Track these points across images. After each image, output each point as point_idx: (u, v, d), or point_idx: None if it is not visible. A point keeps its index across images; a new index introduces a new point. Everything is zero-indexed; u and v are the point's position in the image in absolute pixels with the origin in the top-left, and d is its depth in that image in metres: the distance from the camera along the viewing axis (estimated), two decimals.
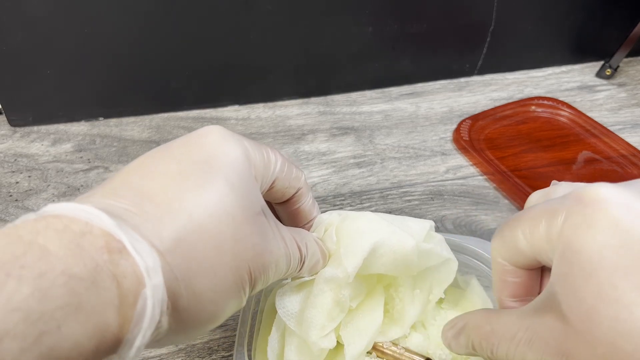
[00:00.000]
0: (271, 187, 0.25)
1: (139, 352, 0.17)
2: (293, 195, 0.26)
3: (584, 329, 0.17)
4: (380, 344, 0.28)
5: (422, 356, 0.27)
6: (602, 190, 0.19)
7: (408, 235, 0.26)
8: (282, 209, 0.27)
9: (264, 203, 0.23)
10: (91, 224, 0.16)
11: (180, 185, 0.19)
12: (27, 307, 0.14)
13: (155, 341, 0.18)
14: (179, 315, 0.18)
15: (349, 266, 0.25)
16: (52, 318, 0.14)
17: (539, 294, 0.23)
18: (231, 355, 0.34)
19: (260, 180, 0.23)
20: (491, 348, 0.21)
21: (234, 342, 0.34)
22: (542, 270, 0.23)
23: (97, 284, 0.15)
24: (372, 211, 0.44)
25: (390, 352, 0.27)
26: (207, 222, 0.19)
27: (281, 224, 0.24)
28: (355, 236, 0.25)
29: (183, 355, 0.33)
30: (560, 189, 0.22)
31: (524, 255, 0.21)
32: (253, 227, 0.21)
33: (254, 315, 0.28)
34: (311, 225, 0.28)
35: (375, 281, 0.28)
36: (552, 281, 0.19)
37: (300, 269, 0.25)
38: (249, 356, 0.26)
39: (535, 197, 0.24)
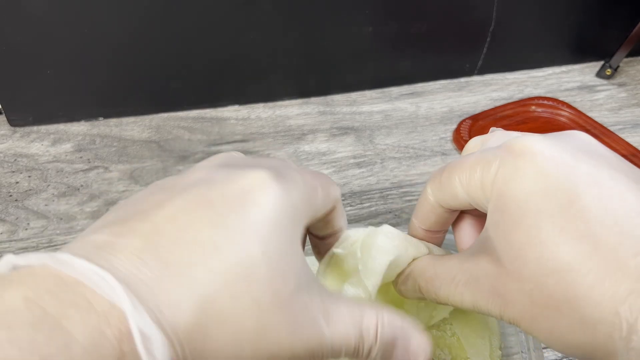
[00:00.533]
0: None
1: None
2: (327, 212, 0.24)
3: (514, 269, 0.19)
4: None
5: None
6: (531, 142, 0.20)
7: (423, 246, 0.26)
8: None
9: (309, 271, 0.20)
10: (114, 305, 0.15)
11: (209, 260, 0.17)
12: None
13: None
14: None
15: (370, 285, 0.24)
16: None
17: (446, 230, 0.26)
18: None
19: (306, 223, 0.21)
20: (434, 290, 0.23)
21: None
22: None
23: None
24: (371, 211, 0.45)
25: None
26: (230, 310, 0.17)
27: (335, 295, 0.20)
28: (374, 254, 0.24)
29: None
30: (494, 137, 0.24)
31: (458, 199, 0.23)
32: (286, 316, 0.18)
33: None
34: (338, 238, 0.26)
35: (390, 293, 0.28)
36: (487, 226, 0.21)
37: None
38: None
39: (473, 143, 0.26)
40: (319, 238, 0.25)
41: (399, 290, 0.26)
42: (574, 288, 0.18)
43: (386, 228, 0.26)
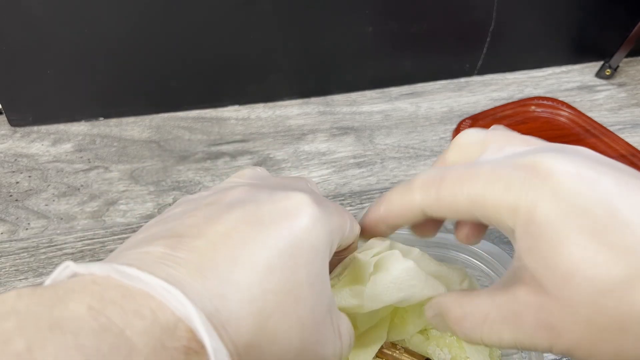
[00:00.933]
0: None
1: None
2: (345, 248, 0.25)
3: (564, 295, 0.18)
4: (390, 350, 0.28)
5: (421, 357, 0.27)
6: (554, 162, 0.19)
7: (440, 285, 0.25)
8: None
9: (332, 294, 0.21)
10: (179, 319, 0.15)
11: (264, 281, 0.18)
12: None
13: None
14: None
15: (367, 308, 0.24)
16: None
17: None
18: None
19: (332, 253, 0.22)
20: (464, 332, 0.21)
21: None
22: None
23: None
24: None
25: (390, 353, 0.27)
26: (280, 331, 0.18)
27: (339, 314, 0.22)
28: (388, 283, 0.24)
29: None
30: (497, 140, 0.22)
31: (460, 214, 0.21)
32: (319, 335, 0.20)
33: None
34: (344, 257, 0.26)
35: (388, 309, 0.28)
36: (519, 255, 0.20)
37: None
38: None
39: (470, 139, 0.24)
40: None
41: (431, 324, 0.25)
42: (638, 304, 0.16)
43: (408, 263, 0.24)
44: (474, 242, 0.26)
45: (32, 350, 0.13)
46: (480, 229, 0.25)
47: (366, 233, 0.25)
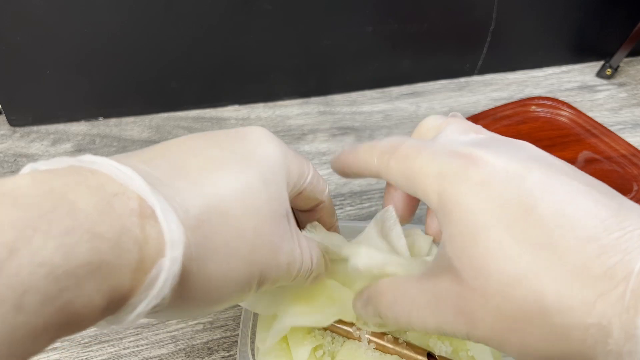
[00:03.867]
0: (298, 195, 0.25)
1: (137, 318, 0.17)
2: (316, 205, 0.27)
3: (478, 285, 0.19)
4: (381, 336, 0.28)
5: (423, 350, 0.27)
6: (481, 154, 0.20)
7: (407, 263, 0.25)
8: (304, 216, 0.28)
9: (289, 208, 0.23)
10: (126, 186, 0.16)
11: (216, 168, 0.20)
12: (51, 262, 0.14)
13: (153, 312, 0.18)
14: (183, 293, 0.18)
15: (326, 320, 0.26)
16: (73, 275, 0.14)
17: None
18: (231, 355, 0.34)
19: (291, 186, 0.24)
20: (394, 316, 0.22)
21: (233, 342, 0.34)
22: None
23: (120, 245, 0.15)
24: (371, 211, 0.44)
25: (392, 347, 0.27)
26: (234, 210, 0.19)
27: (300, 231, 0.24)
28: (355, 275, 0.26)
29: (183, 355, 0.33)
30: (450, 128, 0.24)
31: (398, 183, 0.23)
32: (275, 227, 0.21)
33: (254, 315, 0.28)
34: (318, 211, 0.28)
35: None
36: (443, 242, 0.20)
37: (307, 277, 0.25)
38: (253, 355, 0.26)
39: (428, 125, 0.26)
40: (301, 211, 0.28)
41: (358, 314, 0.25)
42: (543, 297, 0.17)
43: (365, 251, 0.25)
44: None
45: None
46: None
47: (337, 168, 0.28)
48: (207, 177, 0.19)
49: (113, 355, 0.33)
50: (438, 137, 0.23)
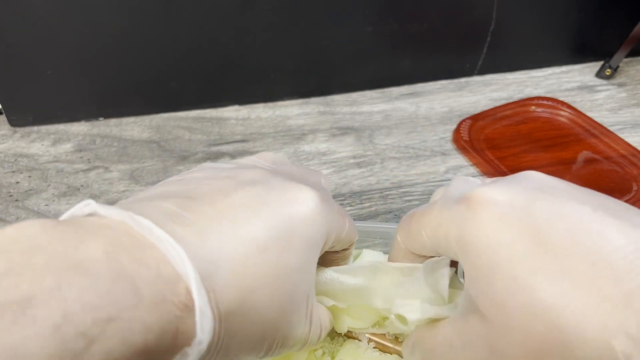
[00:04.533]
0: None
1: None
2: (340, 250, 0.27)
3: (501, 322, 0.19)
4: (381, 335, 0.28)
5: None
6: (484, 192, 0.20)
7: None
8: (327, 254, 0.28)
9: (313, 286, 0.23)
10: (179, 277, 0.17)
11: (255, 258, 0.19)
12: (113, 354, 0.15)
13: None
14: None
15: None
16: None
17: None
18: None
19: (325, 248, 0.24)
20: (435, 355, 0.23)
21: None
22: None
23: (163, 335, 0.16)
24: (371, 211, 0.45)
25: (392, 345, 0.27)
26: (260, 306, 0.20)
27: (316, 304, 0.24)
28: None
29: None
30: (454, 183, 0.24)
31: (428, 250, 0.23)
32: (292, 317, 0.21)
33: None
34: (340, 258, 0.28)
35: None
36: (466, 285, 0.21)
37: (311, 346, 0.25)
38: None
39: (440, 194, 0.26)
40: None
41: None
42: (563, 329, 0.17)
43: (419, 304, 0.25)
44: None
45: (61, 288, 0.14)
46: None
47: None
48: (247, 266, 0.19)
49: None
50: (444, 194, 0.24)
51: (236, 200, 0.21)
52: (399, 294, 0.25)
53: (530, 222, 0.19)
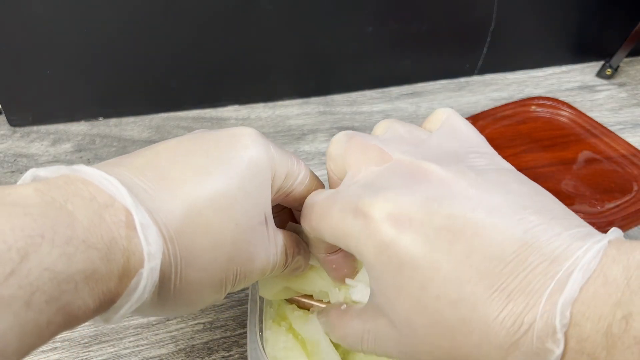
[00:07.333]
0: (289, 195, 0.25)
1: (121, 318, 0.19)
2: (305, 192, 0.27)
3: (409, 335, 0.20)
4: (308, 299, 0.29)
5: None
6: (383, 210, 0.20)
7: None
8: (298, 212, 0.28)
9: (270, 210, 0.24)
10: (114, 198, 0.18)
11: (199, 178, 0.21)
12: (55, 268, 0.15)
13: (137, 311, 0.20)
14: (164, 296, 0.20)
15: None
16: (72, 280, 0.16)
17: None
18: (231, 355, 0.34)
19: (276, 188, 0.24)
20: (349, 346, 0.24)
21: (234, 342, 0.34)
22: None
23: (109, 255, 0.17)
24: None
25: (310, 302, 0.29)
26: (212, 221, 0.20)
27: (278, 230, 0.25)
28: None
29: (183, 355, 0.33)
30: (354, 165, 0.23)
31: (333, 245, 0.25)
32: (252, 236, 0.22)
33: (261, 304, 0.29)
34: None
35: None
36: (372, 292, 0.22)
37: (283, 270, 0.26)
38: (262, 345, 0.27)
39: (336, 151, 0.24)
40: (298, 210, 0.29)
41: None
42: (466, 349, 0.18)
43: (362, 287, 0.27)
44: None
45: None
46: None
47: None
48: (189, 190, 0.20)
49: (113, 355, 0.33)
50: (345, 180, 0.24)
51: (173, 141, 0.22)
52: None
53: (429, 241, 0.19)
